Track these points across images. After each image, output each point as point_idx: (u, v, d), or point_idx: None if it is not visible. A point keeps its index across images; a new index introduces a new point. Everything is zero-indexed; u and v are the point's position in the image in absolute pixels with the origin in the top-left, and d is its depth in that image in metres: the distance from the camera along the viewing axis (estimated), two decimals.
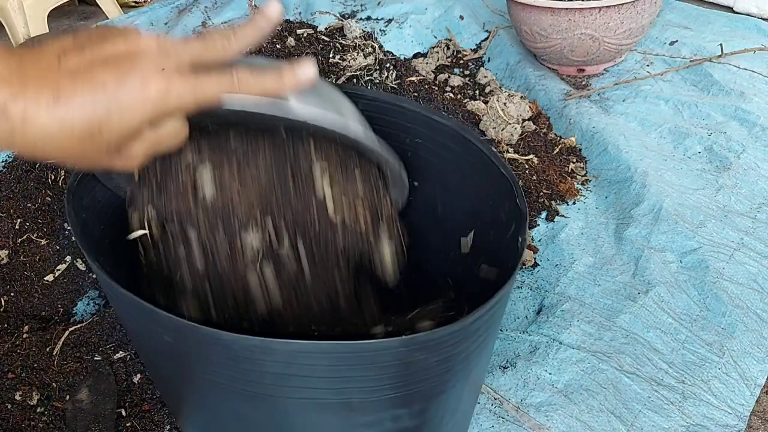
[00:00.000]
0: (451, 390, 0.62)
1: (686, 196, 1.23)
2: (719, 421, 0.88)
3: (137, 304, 0.55)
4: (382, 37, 1.78)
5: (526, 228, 0.68)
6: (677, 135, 1.39)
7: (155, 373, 0.77)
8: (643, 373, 0.94)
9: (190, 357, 0.59)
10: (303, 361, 0.53)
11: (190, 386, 0.66)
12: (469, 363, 0.62)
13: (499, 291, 0.57)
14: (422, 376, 0.57)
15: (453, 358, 0.58)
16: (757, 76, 1.54)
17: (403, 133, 0.85)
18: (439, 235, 0.92)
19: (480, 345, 0.61)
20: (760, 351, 0.96)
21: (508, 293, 0.61)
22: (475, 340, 0.59)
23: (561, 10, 1.44)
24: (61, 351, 0.99)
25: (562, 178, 1.30)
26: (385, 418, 0.60)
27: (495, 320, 0.63)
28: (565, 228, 1.20)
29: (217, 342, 0.54)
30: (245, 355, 0.54)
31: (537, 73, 1.62)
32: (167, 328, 0.56)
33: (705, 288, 1.05)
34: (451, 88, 1.57)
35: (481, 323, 0.57)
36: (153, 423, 0.91)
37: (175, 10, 2.14)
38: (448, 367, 0.58)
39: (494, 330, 0.65)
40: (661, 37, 1.73)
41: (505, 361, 0.98)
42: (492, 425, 0.89)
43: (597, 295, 1.07)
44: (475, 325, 0.56)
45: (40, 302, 1.11)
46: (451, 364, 0.58)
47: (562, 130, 1.45)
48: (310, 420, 0.61)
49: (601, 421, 0.89)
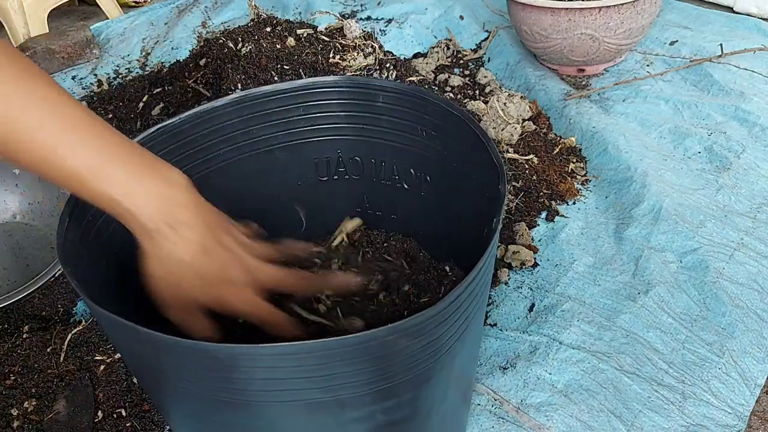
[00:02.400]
0: (438, 375, 0.63)
1: (686, 196, 1.23)
2: (719, 421, 0.88)
3: (117, 321, 0.55)
4: (382, 37, 1.78)
5: (505, 185, 0.68)
6: (677, 135, 1.39)
7: (143, 383, 0.77)
8: (643, 373, 0.94)
9: (174, 370, 0.59)
10: (290, 364, 0.53)
11: (177, 397, 0.65)
12: (454, 346, 0.62)
13: (474, 268, 0.57)
14: (409, 364, 0.58)
15: (437, 341, 0.58)
16: (757, 76, 1.54)
17: (421, 125, 0.86)
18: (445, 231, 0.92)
19: (463, 325, 0.62)
20: (760, 351, 0.96)
21: (486, 267, 0.61)
22: (457, 320, 0.59)
23: (561, 10, 1.44)
24: (61, 350, 0.99)
25: (562, 178, 1.30)
26: (376, 411, 0.61)
27: (477, 297, 0.63)
28: (565, 228, 1.20)
29: (204, 354, 0.54)
30: (231, 363, 0.54)
31: (537, 73, 1.62)
32: (148, 343, 0.56)
33: (705, 288, 1.05)
34: (451, 88, 1.57)
35: (460, 302, 0.58)
36: (153, 423, 0.91)
37: (175, 9, 2.14)
38: (433, 351, 0.59)
39: (478, 309, 0.65)
40: (661, 37, 1.73)
41: (505, 362, 0.98)
42: (492, 425, 0.89)
43: (597, 295, 1.07)
44: (454, 305, 0.57)
45: (40, 302, 1.11)
46: (436, 348, 0.59)
47: (562, 130, 1.45)
48: (301, 421, 0.61)
49: (601, 421, 0.89)
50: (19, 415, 0.91)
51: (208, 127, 0.87)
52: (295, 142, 0.94)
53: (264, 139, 0.92)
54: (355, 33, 1.60)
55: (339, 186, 0.99)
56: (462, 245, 0.89)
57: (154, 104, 1.54)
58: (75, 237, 0.69)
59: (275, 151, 0.94)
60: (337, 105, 0.90)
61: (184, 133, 0.85)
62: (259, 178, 0.95)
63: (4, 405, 0.93)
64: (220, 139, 0.89)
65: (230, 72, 1.37)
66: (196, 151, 0.88)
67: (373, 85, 0.87)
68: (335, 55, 1.47)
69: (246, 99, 0.87)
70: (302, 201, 1.00)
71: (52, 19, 2.06)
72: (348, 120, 0.91)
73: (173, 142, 0.84)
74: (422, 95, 0.84)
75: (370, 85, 0.87)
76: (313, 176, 0.98)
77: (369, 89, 0.87)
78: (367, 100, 0.88)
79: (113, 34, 2.04)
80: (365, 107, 0.89)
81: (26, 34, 1.96)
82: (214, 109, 0.86)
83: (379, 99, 0.87)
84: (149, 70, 1.79)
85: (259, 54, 1.38)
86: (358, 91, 0.88)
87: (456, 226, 0.90)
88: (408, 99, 0.85)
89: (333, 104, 0.90)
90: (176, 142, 0.85)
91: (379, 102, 0.87)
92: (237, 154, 0.92)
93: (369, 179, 0.97)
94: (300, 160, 0.96)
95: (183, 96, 1.48)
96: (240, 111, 0.88)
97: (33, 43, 1.86)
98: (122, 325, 0.55)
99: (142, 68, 1.84)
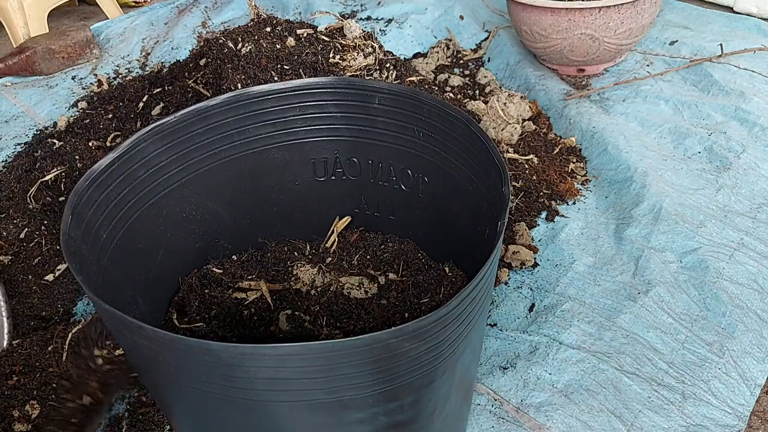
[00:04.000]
0: (441, 378, 0.63)
1: (686, 196, 1.23)
2: (719, 421, 0.88)
3: (122, 318, 0.55)
4: (382, 37, 1.78)
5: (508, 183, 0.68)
6: (677, 135, 1.39)
7: (145, 381, 0.77)
8: (643, 373, 0.94)
9: (177, 368, 0.59)
10: (294, 364, 0.53)
11: (179, 395, 0.66)
12: (457, 349, 0.62)
13: (479, 272, 0.57)
14: (412, 366, 0.58)
15: (441, 345, 0.58)
16: (757, 76, 1.53)
17: (417, 127, 0.86)
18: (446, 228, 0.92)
19: (467, 328, 0.62)
20: (760, 351, 0.96)
21: (490, 271, 0.61)
22: (461, 323, 0.59)
23: (561, 10, 1.44)
24: (61, 350, 0.99)
25: (562, 178, 1.30)
26: (379, 413, 0.61)
27: (480, 300, 0.63)
28: (565, 228, 1.20)
29: (207, 352, 0.54)
30: (235, 363, 0.54)
31: (537, 73, 1.62)
32: (153, 341, 0.56)
33: (705, 288, 1.05)
34: (451, 88, 1.57)
35: (464, 305, 0.58)
36: (153, 423, 0.91)
37: (175, 9, 2.14)
38: (437, 354, 0.59)
39: (481, 312, 0.65)
40: (661, 37, 1.73)
41: (505, 362, 0.98)
42: (492, 425, 0.89)
43: (597, 295, 1.07)
44: (458, 309, 0.57)
45: (40, 302, 1.11)
46: (440, 351, 0.59)
47: (562, 130, 1.45)
48: (303, 422, 0.61)
49: (601, 421, 0.88)
50: (21, 417, 0.91)
51: (204, 126, 0.87)
52: (292, 142, 0.94)
53: (260, 138, 0.92)
54: (355, 33, 1.59)
55: (337, 187, 0.99)
56: (461, 246, 0.89)
57: (154, 104, 1.54)
58: (77, 235, 0.69)
59: (272, 151, 0.94)
60: (333, 105, 0.90)
61: (179, 132, 0.85)
62: (256, 177, 0.96)
63: (6, 405, 0.93)
64: (215, 137, 0.89)
65: (230, 72, 1.37)
66: (191, 149, 0.88)
67: (369, 87, 0.87)
68: (335, 55, 1.47)
69: (241, 98, 0.88)
70: (300, 201, 1.00)
71: (52, 19, 2.06)
72: (345, 121, 0.91)
73: (169, 141, 0.84)
74: (418, 97, 0.84)
75: (366, 87, 0.87)
76: (311, 176, 0.98)
77: (365, 90, 0.87)
78: (364, 101, 0.88)
79: (113, 34, 2.04)
80: (362, 108, 0.89)
81: (26, 34, 1.96)
82: (208, 108, 0.86)
83: (375, 100, 0.87)
84: (149, 70, 1.79)
85: (259, 54, 1.38)
86: (354, 92, 0.88)
87: (455, 226, 0.90)
88: (404, 100, 0.85)
89: (329, 105, 0.90)
90: (172, 140, 0.85)
91: (375, 103, 0.87)
92: (233, 153, 0.92)
93: (366, 180, 0.97)
94: (297, 160, 0.96)
95: (183, 96, 1.48)
96: (235, 110, 0.88)
97: (33, 43, 1.86)
98: (127, 323, 0.55)
99: (142, 68, 1.84)
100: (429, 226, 0.96)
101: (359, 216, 1.02)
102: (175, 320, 0.90)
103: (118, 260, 0.78)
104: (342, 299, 0.92)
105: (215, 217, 0.95)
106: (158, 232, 0.87)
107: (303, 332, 0.87)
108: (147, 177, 0.83)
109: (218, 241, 0.98)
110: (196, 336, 0.83)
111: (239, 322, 0.90)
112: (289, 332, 0.88)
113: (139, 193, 0.82)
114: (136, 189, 0.82)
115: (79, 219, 0.70)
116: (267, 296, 0.93)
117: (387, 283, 0.95)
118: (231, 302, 0.92)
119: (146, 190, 0.84)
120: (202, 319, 0.90)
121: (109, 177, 0.77)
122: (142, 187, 0.83)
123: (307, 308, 0.91)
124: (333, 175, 0.98)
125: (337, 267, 0.98)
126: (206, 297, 0.92)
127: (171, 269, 0.92)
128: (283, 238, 1.03)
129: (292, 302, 0.93)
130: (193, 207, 0.92)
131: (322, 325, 0.88)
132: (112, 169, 0.77)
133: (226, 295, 0.93)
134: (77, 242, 0.68)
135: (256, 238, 1.01)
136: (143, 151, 0.81)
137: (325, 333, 0.86)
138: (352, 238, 1.02)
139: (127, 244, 0.80)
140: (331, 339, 0.53)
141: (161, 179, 0.85)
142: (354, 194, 1.00)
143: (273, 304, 0.92)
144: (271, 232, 1.03)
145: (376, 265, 0.99)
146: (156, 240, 0.87)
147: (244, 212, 0.98)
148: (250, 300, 0.93)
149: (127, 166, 0.80)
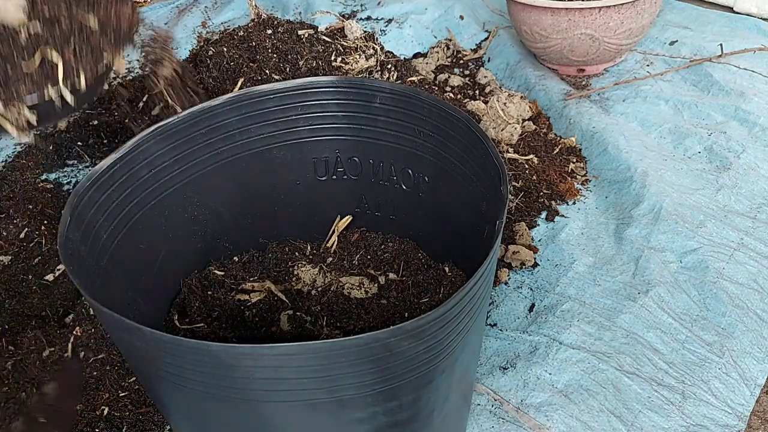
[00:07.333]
0: (440, 377, 0.63)
1: (686, 196, 1.23)
2: (719, 421, 0.88)
3: (119, 320, 0.55)
4: (382, 37, 1.78)
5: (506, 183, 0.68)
6: (677, 135, 1.40)
7: (144, 382, 0.77)
8: (643, 373, 0.94)
9: (175, 369, 0.59)
10: (292, 364, 0.54)
11: (178, 396, 0.66)
12: (456, 348, 0.62)
13: (477, 271, 0.57)
14: (411, 365, 0.58)
15: (439, 344, 0.58)
16: (757, 76, 1.54)
17: (418, 127, 0.86)
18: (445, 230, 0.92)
19: (466, 327, 0.62)
20: (760, 351, 0.96)
21: (488, 270, 0.61)
22: (459, 322, 0.60)
23: (561, 10, 1.44)
24: (62, 350, 0.99)
25: (562, 178, 1.30)
26: (378, 412, 0.61)
27: (479, 300, 0.63)
28: (565, 228, 1.20)
29: (206, 353, 0.54)
30: (234, 363, 0.54)
31: (537, 73, 1.62)
32: (151, 342, 0.56)
33: (705, 288, 1.05)
34: (451, 88, 1.57)
35: (462, 304, 0.58)
36: (153, 423, 0.91)
37: (176, 9, 2.14)
38: (436, 353, 0.59)
39: (480, 311, 0.65)
40: (661, 37, 1.73)
41: (505, 362, 0.98)
42: (492, 425, 0.89)
43: (597, 295, 1.07)
44: (457, 308, 0.57)
45: (40, 302, 1.11)
46: (438, 350, 0.59)
47: (562, 130, 1.45)
48: (302, 421, 0.61)
49: (601, 421, 0.89)
50: None
51: (206, 126, 0.87)
52: (294, 142, 0.94)
53: (262, 138, 0.92)
54: (356, 33, 1.60)
55: (338, 186, 0.99)
56: (461, 245, 0.90)
57: (154, 104, 1.54)
58: (76, 237, 0.69)
59: (274, 150, 0.94)
60: (334, 105, 0.90)
61: (181, 133, 0.85)
62: (257, 176, 0.96)
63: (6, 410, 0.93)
64: (218, 138, 0.89)
65: (231, 72, 1.37)
66: (194, 150, 0.88)
67: (370, 86, 0.87)
68: (337, 57, 1.47)
69: (242, 98, 0.88)
70: (301, 200, 1.00)
71: None
72: (346, 120, 0.91)
73: (171, 142, 0.85)
74: (418, 96, 0.84)
75: (367, 86, 0.87)
76: (312, 176, 0.98)
77: (366, 90, 0.87)
78: (365, 101, 0.88)
79: None
80: (363, 108, 0.89)
81: None
82: (210, 108, 0.86)
83: (376, 100, 0.87)
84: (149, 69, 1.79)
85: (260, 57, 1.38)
86: (356, 91, 0.88)
87: (454, 226, 0.90)
88: (405, 100, 0.85)
89: (330, 104, 0.90)
90: (174, 141, 0.85)
91: (376, 103, 0.87)
92: (235, 152, 0.92)
93: (367, 179, 0.97)
94: (299, 160, 0.96)
95: None
96: (237, 110, 0.88)
97: None
98: (124, 325, 0.55)
99: (142, 68, 1.84)
100: (429, 226, 0.96)
101: (360, 215, 1.02)
102: (176, 321, 0.90)
103: (118, 261, 0.78)
104: (342, 299, 0.92)
105: (217, 217, 0.95)
106: (160, 233, 0.88)
107: (304, 332, 0.87)
108: (150, 177, 0.83)
109: (219, 241, 0.98)
110: (197, 337, 0.83)
111: (240, 323, 0.90)
112: (289, 332, 0.88)
113: (141, 193, 0.83)
114: (138, 189, 0.82)
115: (79, 220, 0.70)
116: (279, 294, 0.93)
117: (387, 283, 0.95)
118: (233, 304, 0.92)
119: (149, 191, 0.84)
120: (203, 321, 0.90)
121: (111, 178, 0.77)
122: (144, 187, 0.83)
123: (308, 308, 0.91)
124: (334, 174, 0.98)
125: (338, 267, 0.99)
126: (208, 299, 0.92)
127: (172, 270, 0.92)
128: (284, 237, 1.04)
129: (294, 302, 0.93)
130: (195, 207, 0.92)
131: (323, 325, 0.88)
132: (114, 169, 0.77)
133: (229, 297, 0.93)
134: (76, 243, 0.68)
135: (257, 238, 1.02)
136: (146, 151, 0.81)
137: (325, 333, 0.86)
138: (352, 238, 1.02)
139: (128, 245, 0.80)
140: (331, 339, 0.53)
141: (164, 179, 0.85)
142: (355, 193, 1.00)
143: (281, 303, 0.92)
144: (272, 232, 1.03)
145: (376, 264, 0.99)
146: (157, 240, 0.87)
147: (246, 212, 0.98)
148: (253, 302, 0.93)
149: (130, 167, 0.80)
